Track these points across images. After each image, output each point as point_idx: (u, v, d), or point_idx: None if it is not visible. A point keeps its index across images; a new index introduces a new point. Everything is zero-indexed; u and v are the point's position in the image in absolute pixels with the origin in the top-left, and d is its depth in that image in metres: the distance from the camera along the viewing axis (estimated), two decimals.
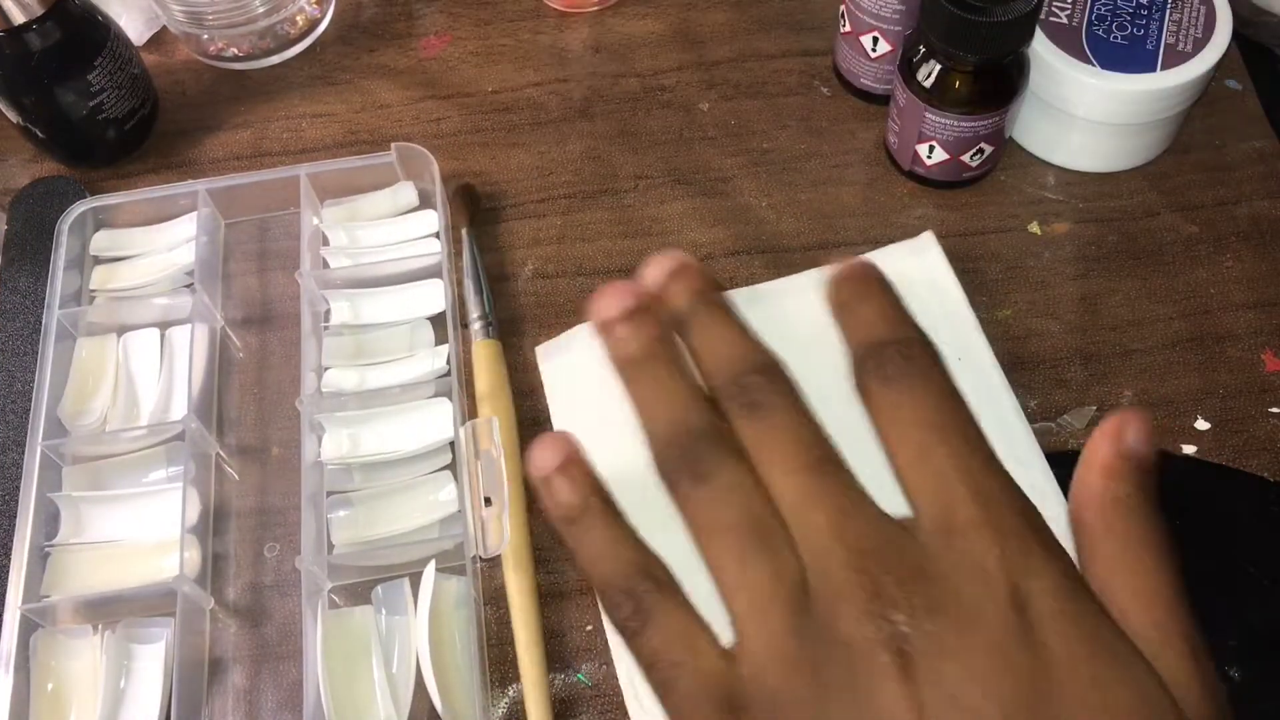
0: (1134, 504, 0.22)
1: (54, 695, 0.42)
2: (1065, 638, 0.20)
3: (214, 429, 0.49)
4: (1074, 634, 0.20)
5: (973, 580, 0.20)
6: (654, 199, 0.54)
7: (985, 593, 0.20)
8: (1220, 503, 0.43)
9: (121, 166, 0.57)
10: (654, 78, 0.58)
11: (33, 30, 0.50)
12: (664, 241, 0.53)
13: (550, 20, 0.61)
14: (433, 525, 0.45)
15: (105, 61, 0.53)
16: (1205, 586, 0.41)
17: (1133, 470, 0.22)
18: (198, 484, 0.46)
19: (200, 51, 0.60)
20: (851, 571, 0.21)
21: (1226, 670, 0.39)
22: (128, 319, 0.51)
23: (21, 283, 0.53)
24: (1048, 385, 0.47)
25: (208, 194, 0.53)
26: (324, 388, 0.48)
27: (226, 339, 0.52)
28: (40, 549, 0.44)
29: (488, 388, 0.47)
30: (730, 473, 0.23)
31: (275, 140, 0.58)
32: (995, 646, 0.20)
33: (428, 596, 0.42)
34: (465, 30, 0.61)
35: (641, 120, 0.57)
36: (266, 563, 0.46)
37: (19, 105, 0.53)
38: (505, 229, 0.54)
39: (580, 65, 0.59)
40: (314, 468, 0.45)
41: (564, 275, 0.52)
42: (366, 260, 0.51)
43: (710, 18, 0.60)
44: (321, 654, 0.41)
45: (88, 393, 0.49)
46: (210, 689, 0.44)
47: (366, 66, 0.60)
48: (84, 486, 0.46)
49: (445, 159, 0.54)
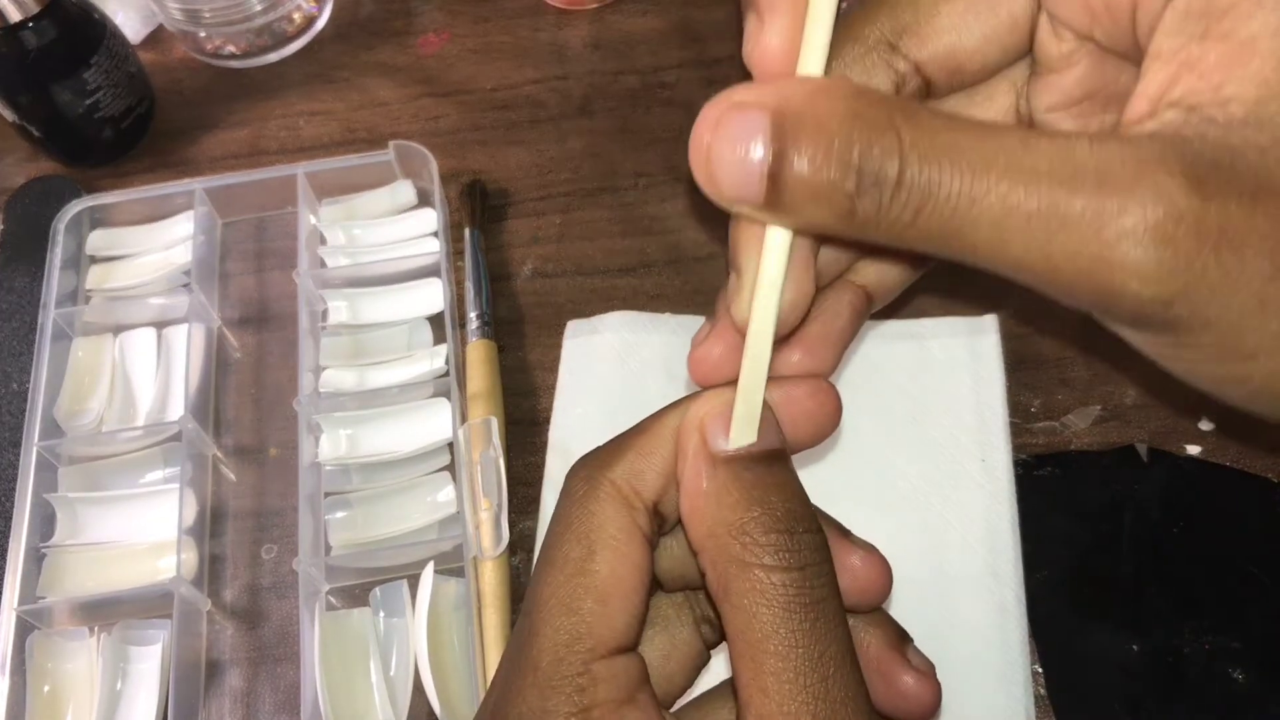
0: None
1: (50, 697, 0.42)
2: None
3: (211, 429, 0.49)
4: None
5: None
6: (654, 197, 0.54)
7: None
8: (1224, 504, 0.43)
9: (118, 165, 0.57)
10: (654, 75, 0.58)
11: (28, 28, 0.50)
12: (664, 240, 0.52)
13: (550, 17, 0.61)
14: (431, 526, 0.45)
15: (101, 59, 0.52)
16: (1209, 588, 0.41)
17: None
18: (195, 485, 0.46)
19: (197, 49, 0.60)
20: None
21: (1230, 672, 0.39)
22: (124, 319, 0.51)
23: (17, 282, 0.53)
24: (1051, 384, 0.47)
25: (204, 193, 0.53)
26: (322, 388, 0.47)
27: (223, 339, 0.52)
28: (36, 550, 0.44)
29: (480, 388, 0.47)
30: None
31: (272, 139, 0.58)
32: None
33: (426, 598, 0.41)
34: (464, 27, 0.61)
35: (641, 118, 0.56)
36: (264, 564, 0.46)
37: (15, 104, 0.53)
38: (504, 228, 0.54)
39: (580, 62, 0.59)
40: (312, 468, 0.45)
41: (563, 274, 0.52)
42: (364, 260, 0.51)
43: (711, 15, 0.60)
44: (319, 656, 0.40)
45: (84, 393, 0.49)
46: (207, 691, 0.43)
47: (364, 64, 0.60)
48: (80, 487, 0.46)
49: (444, 157, 0.54)
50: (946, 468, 0.43)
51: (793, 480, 0.25)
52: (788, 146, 0.21)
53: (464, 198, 0.53)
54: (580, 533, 0.25)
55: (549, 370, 0.49)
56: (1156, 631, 0.40)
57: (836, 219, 0.22)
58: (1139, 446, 0.44)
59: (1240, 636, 0.40)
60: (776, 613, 0.22)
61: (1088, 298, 0.22)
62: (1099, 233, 0.21)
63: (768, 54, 0.23)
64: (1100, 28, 0.25)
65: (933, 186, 0.21)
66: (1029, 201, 0.21)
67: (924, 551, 0.42)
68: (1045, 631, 0.41)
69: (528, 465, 0.47)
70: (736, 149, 0.22)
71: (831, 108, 0.22)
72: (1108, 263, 0.21)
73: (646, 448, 0.26)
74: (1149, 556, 0.42)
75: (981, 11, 0.27)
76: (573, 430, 0.46)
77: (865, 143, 0.21)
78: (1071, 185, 0.21)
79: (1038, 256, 0.21)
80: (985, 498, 0.43)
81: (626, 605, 0.25)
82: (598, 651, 0.24)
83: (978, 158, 0.21)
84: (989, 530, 0.42)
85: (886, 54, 0.27)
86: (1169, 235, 0.20)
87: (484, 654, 0.42)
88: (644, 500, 0.25)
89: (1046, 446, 0.45)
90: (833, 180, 0.21)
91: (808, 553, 0.23)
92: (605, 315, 0.48)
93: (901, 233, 0.22)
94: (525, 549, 0.45)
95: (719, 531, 0.24)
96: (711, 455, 0.25)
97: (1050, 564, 0.42)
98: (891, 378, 0.45)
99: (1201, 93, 0.22)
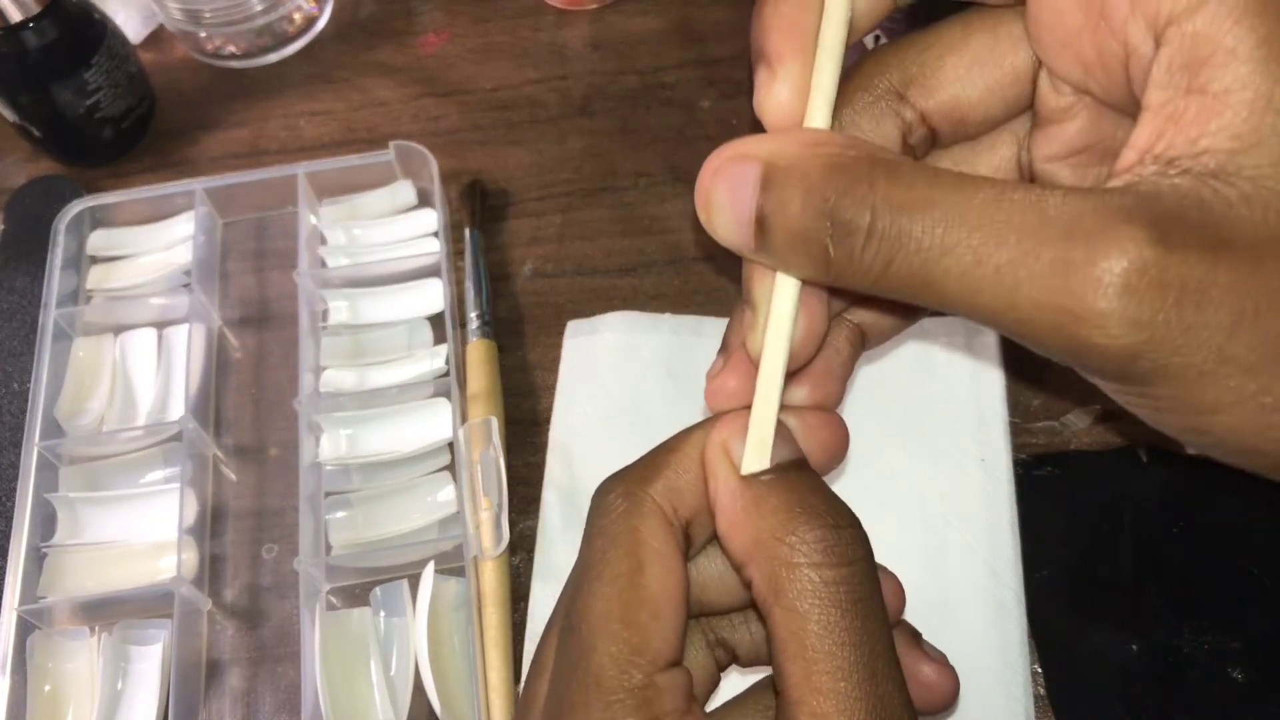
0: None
1: (51, 697, 0.42)
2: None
3: (211, 429, 0.49)
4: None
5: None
6: (654, 197, 0.54)
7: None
8: (1224, 504, 0.43)
9: (118, 165, 0.57)
10: (654, 75, 0.58)
11: (29, 28, 0.50)
12: (664, 240, 0.52)
13: (550, 17, 0.61)
14: (431, 526, 0.45)
15: (102, 60, 0.53)
16: (1209, 588, 0.41)
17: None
18: (195, 485, 0.46)
19: (197, 49, 0.60)
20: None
21: (1230, 672, 0.39)
22: (125, 319, 0.51)
23: (18, 282, 0.53)
24: (1051, 384, 0.47)
25: (205, 193, 0.53)
26: (322, 388, 0.47)
27: (224, 339, 0.52)
28: (37, 550, 0.44)
29: (480, 388, 0.47)
30: None
31: (273, 139, 0.58)
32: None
33: (426, 598, 0.41)
34: (464, 27, 0.61)
35: (641, 118, 0.56)
36: (264, 564, 0.46)
37: (15, 104, 0.53)
38: (504, 227, 0.54)
39: (580, 63, 0.59)
40: (312, 468, 0.45)
41: (563, 274, 0.52)
42: (365, 260, 0.51)
43: (711, 15, 0.60)
44: (320, 656, 0.41)
45: (84, 393, 0.49)
46: (208, 691, 0.43)
47: (365, 64, 0.60)
48: (81, 487, 0.46)
49: (444, 157, 0.54)
50: (946, 468, 0.43)
51: (824, 483, 0.26)
52: (772, 196, 0.23)
53: (464, 198, 0.53)
54: (627, 547, 0.25)
55: (549, 370, 0.49)
56: (1156, 631, 0.40)
57: (814, 266, 0.23)
58: (1139, 447, 0.44)
59: (1240, 636, 0.40)
60: (829, 610, 0.23)
61: (1058, 349, 0.23)
62: (1065, 283, 0.21)
63: (778, 106, 0.25)
64: (1095, 81, 0.26)
65: (903, 238, 0.22)
66: (998, 254, 0.21)
67: (924, 551, 0.42)
68: (1045, 631, 0.41)
69: (528, 465, 0.47)
70: (730, 197, 0.24)
71: (815, 160, 0.23)
72: (1074, 315, 0.21)
73: (680, 466, 0.27)
74: (1149, 556, 0.42)
75: (985, 64, 0.28)
76: (573, 430, 0.46)
77: (840, 193, 0.22)
78: (1039, 238, 0.21)
79: (1006, 307, 0.22)
80: (985, 498, 0.43)
81: (677, 619, 0.25)
82: (658, 664, 0.25)
83: (950, 211, 0.22)
84: (989, 530, 0.42)
85: (895, 103, 0.28)
86: (1132, 286, 0.21)
87: (484, 654, 0.42)
88: (681, 518, 0.26)
89: (1046, 446, 0.45)
90: (808, 228, 0.23)
91: (854, 547, 0.24)
92: (605, 315, 0.48)
93: (875, 281, 0.23)
94: (525, 549, 0.45)
95: (764, 538, 0.24)
96: (742, 475, 0.26)
97: (1050, 564, 0.42)
98: (892, 378, 0.45)
99: (1180, 146, 0.22)
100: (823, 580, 0.23)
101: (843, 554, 0.24)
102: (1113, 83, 0.25)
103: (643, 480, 0.26)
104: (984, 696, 0.39)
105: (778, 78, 0.25)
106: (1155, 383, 0.22)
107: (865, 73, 0.28)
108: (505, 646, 0.42)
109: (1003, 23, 0.28)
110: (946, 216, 0.22)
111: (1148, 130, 0.23)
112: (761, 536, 0.24)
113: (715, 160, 0.24)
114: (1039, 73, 0.28)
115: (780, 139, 0.24)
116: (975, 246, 0.21)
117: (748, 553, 0.25)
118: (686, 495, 0.26)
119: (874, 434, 0.44)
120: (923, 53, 0.28)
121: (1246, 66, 0.22)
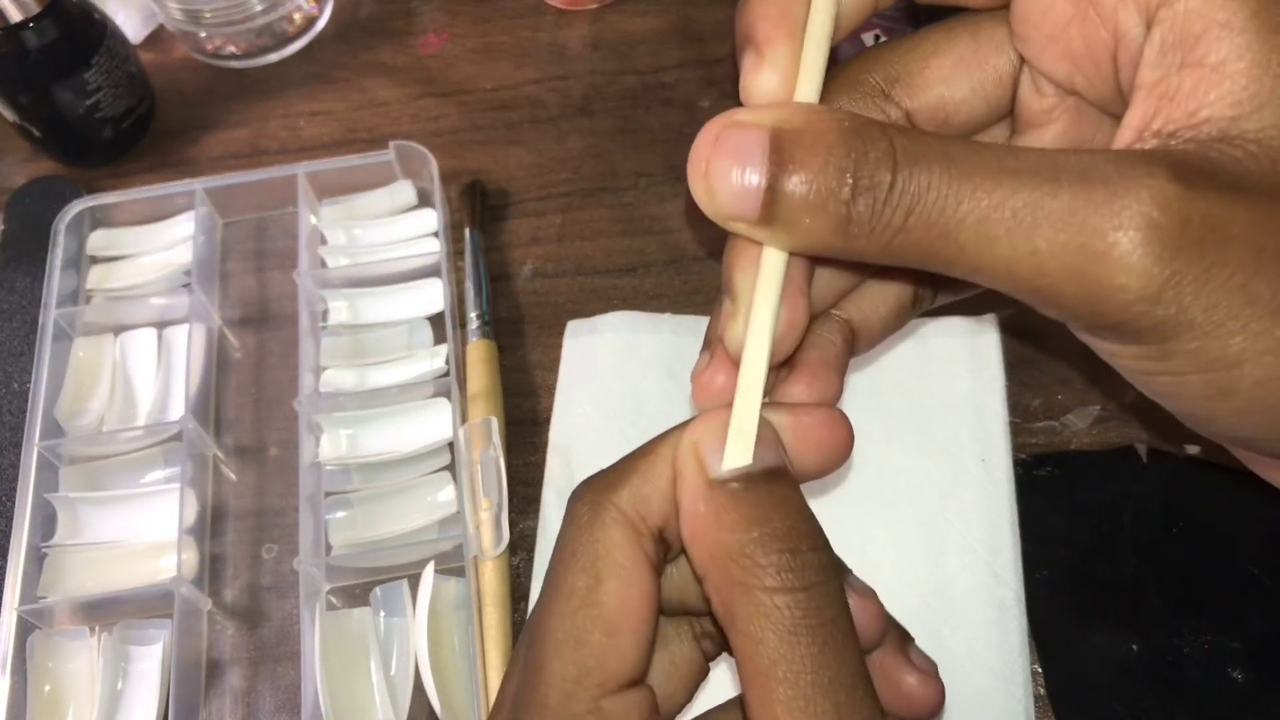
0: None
1: (51, 697, 0.42)
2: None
3: (211, 429, 0.49)
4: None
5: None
6: (654, 197, 0.54)
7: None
8: (1224, 504, 0.43)
9: (118, 165, 0.57)
10: (654, 75, 0.58)
11: (29, 28, 0.50)
12: (664, 240, 0.52)
13: (550, 17, 0.61)
14: (431, 526, 0.45)
15: (102, 60, 0.53)
16: (1209, 588, 0.41)
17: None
18: (195, 485, 0.46)
19: (197, 49, 0.60)
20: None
21: (1230, 672, 0.39)
22: (125, 319, 0.51)
23: (18, 282, 0.53)
24: (1051, 384, 0.47)
25: (205, 193, 0.53)
26: (322, 388, 0.47)
27: (224, 339, 0.52)
28: (37, 550, 0.44)
29: (480, 388, 0.47)
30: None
31: (273, 139, 0.58)
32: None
33: (426, 598, 0.41)
34: (464, 27, 0.61)
35: (642, 118, 0.56)
36: (264, 564, 0.46)
37: (15, 104, 0.53)
38: (504, 228, 0.54)
39: (580, 63, 0.59)
40: (312, 468, 0.45)
41: (563, 274, 0.52)
42: (365, 260, 0.51)
43: (710, 15, 0.60)
44: (320, 656, 0.40)
45: (85, 393, 0.49)
46: (208, 691, 0.43)
47: (365, 64, 0.60)
48: (81, 487, 0.46)
49: (444, 157, 0.54)
50: (946, 468, 0.43)
51: (794, 498, 0.24)
52: (785, 161, 0.22)
53: (464, 198, 0.53)
54: (586, 561, 0.24)
55: (549, 370, 0.49)
56: (1156, 631, 0.40)
57: (831, 229, 0.23)
58: (1139, 446, 0.44)
59: (1240, 636, 0.40)
60: (783, 637, 0.22)
61: (1074, 298, 0.22)
62: (1085, 221, 0.21)
63: (765, 90, 0.25)
64: (1082, 75, 0.26)
65: (922, 189, 0.22)
66: (1014, 198, 0.21)
67: (924, 551, 0.42)
68: (1045, 631, 0.41)
69: (528, 465, 0.47)
70: (735, 165, 0.23)
71: (829, 123, 0.23)
72: (1094, 254, 0.21)
73: (651, 471, 0.25)
74: (1149, 556, 0.42)
75: (969, 66, 0.28)
76: (573, 430, 0.46)
77: (861, 150, 0.22)
78: (1055, 181, 0.21)
79: (1023, 253, 0.22)
80: (985, 498, 0.43)
81: (635, 637, 0.24)
82: (607, 686, 0.24)
83: (965, 161, 0.22)
84: (989, 530, 0.42)
85: (880, 101, 0.28)
86: (1155, 221, 0.21)
87: (484, 654, 0.42)
88: (649, 526, 0.25)
89: (1046, 446, 0.45)
90: (829, 188, 0.22)
91: (812, 572, 0.23)
92: (605, 315, 0.48)
93: (891, 239, 0.22)
94: (525, 549, 0.45)
95: (720, 554, 0.23)
96: (709, 478, 0.24)
97: (1050, 564, 0.42)
98: (891, 377, 0.45)
99: (1178, 119, 0.23)
100: (776, 605, 0.22)
101: (800, 578, 0.22)
102: (1100, 75, 0.25)
103: (607, 488, 0.25)
104: (984, 696, 0.39)
105: (766, 62, 0.25)
106: (1177, 335, 0.22)
107: (851, 70, 0.28)
108: (505, 646, 0.42)
109: (984, 27, 0.28)
110: (963, 167, 0.22)
111: (1142, 109, 0.23)
112: (717, 552, 0.23)
113: (713, 129, 0.23)
114: (1020, 76, 0.28)
115: (782, 107, 0.24)
116: (991, 191, 0.21)
117: (704, 568, 0.24)
118: (655, 501, 0.25)
119: (874, 434, 0.44)
120: (908, 53, 0.28)
121: (1243, 38, 0.22)
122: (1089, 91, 0.26)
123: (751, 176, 0.22)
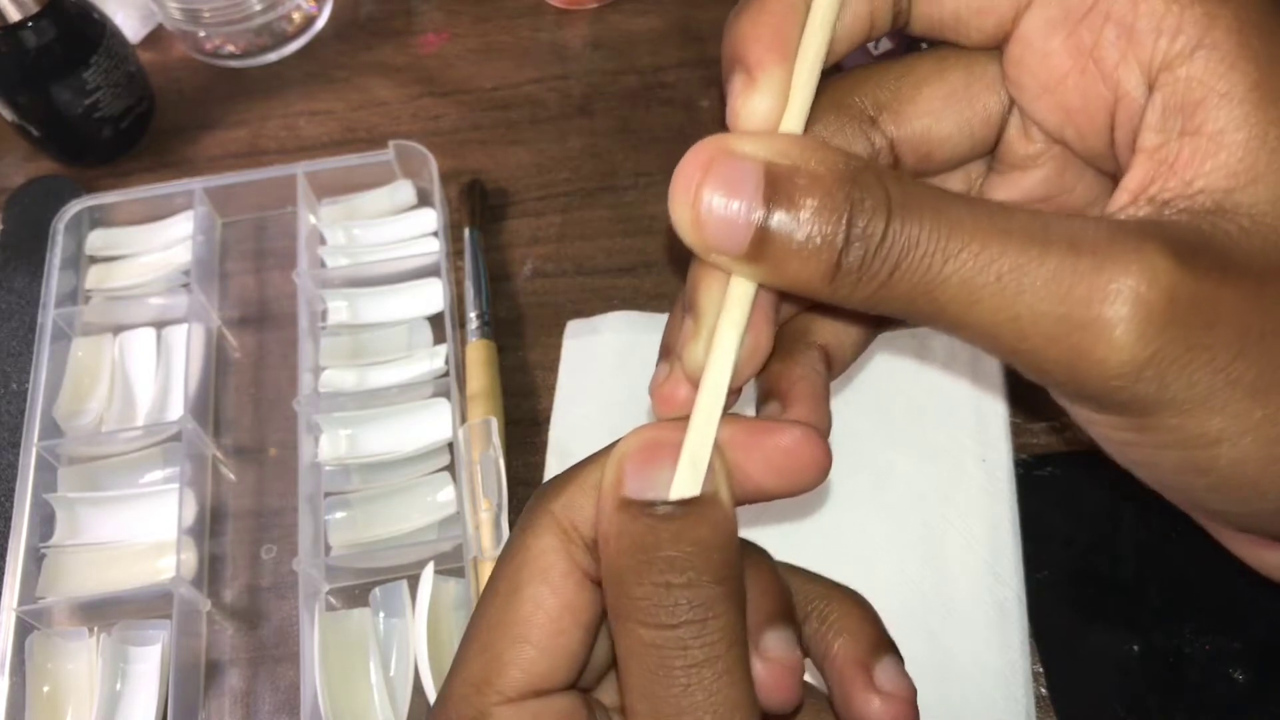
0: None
1: (50, 698, 0.42)
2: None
3: (210, 430, 0.49)
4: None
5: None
6: (654, 196, 0.54)
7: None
8: None
9: (117, 165, 0.57)
10: (654, 74, 0.58)
11: (28, 28, 0.50)
12: (664, 240, 0.52)
13: (550, 17, 0.61)
14: (431, 527, 0.45)
15: (101, 59, 0.52)
16: (1209, 588, 0.41)
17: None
18: (194, 485, 0.46)
19: (197, 49, 0.60)
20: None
21: (1230, 672, 0.39)
22: (124, 319, 0.51)
23: (17, 282, 0.53)
24: None
25: (204, 193, 0.53)
26: (321, 388, 0.47)
27: (223, 339, 0.52)
28: (36, 550, 0.44)
29: (479, 388, 0.47)
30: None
31: (272, 138, 0.58)
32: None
33: (426, 598, 0.41)
34: (464, 27, 0.61)
35: (642, 117, 0.56)
36: (264, 564, 0.46)
37: (14, 103, 0.53)
38: (504, 227, 0.54)
39: (580, 62, 0.59)
40: (311, 469, 0.45)
41: (563, 274, 0.52)
42: (364, 259, 0.51)
43: (710, 14, 0.60)
44: (319, 656, 0.40)
45: (83, 393, 0.49)
46: (207, 691, 0.43)
47: (364, 64, 0.60)
48: (80, 487, 0.46)
49: (444, 157, 0.54)
50: (946, 468, 0.43)
51: (697, 530, 0.22)
52: (781, 199, 0.21)
53: (464, 197, 0.53)
54: (511, 567, 0.24)
55: (549, 370, 0.49)
56: (1156, 631, 0.40)
57: (818, 275, 0.22)
58: None
59: (1240, 637, 0.40)
60: (645, 673, 0.21)
61: (1054, 365, 0.22)
62: (1070, 291, 0.21)
63: (756, 116, 0.23)
64: (1073, 128, 0.26)
65: (910, 243, 0.21)
66: (1000, 260, 0.21)
67: (924, 551, 0.42)
68: (1046, 631, 0.41)
69: (528, 465, 0.47)
70: (726, 198, 0.22)
71: (826, 165, 0.22)
72: (1077, 325, 0.21)
73: (587, 481, 0.25)
74: (1149, 556, 0.42)
75: (960, 101, 0.28)
76: (573, 430, 0.46)
77: (858, 198, 0.21)
78: (1044, 247, 0.21)
79: (1006, 318, 0.21)
80: (985, 498, 0.43)
81: (552, 646, 0.23)
82: (506, 694, 0.23)
83: (955, 217, 0.21)
84: (989, 530, 0.42)
85: (866, 127, 0.27)
86: (1141, 297, 0.20)
87: None
88: (582, 535, 0.24)
89: (1046, 446, 0.45)
90: (824, 234, 0.21)
91: (685, 609, 0.21)
92: (605, 315, 0.48)
93: (875, 291, 0.22)
94: None
95: (608, 576, 0.23)
96: (619, 498, 0.23)
97: (1050, 564, 0.42)
98: (891, 377, 0.45)
99: (1174, 188, 0.22)
100: (643, 640, 0.21)
101: (668, 615, 0.21)
102: (1093, 130, 0.25)
103: (546, 495, 0.25)
104: (985, 697, 0.39)
105: (757, 86, 0.23)
106: (1157, 410, 0.22)
107: (840, 91, 0.28)
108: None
109: (977, 62, 0.27)
110: (952, 223, 0.21)
111: (1141, 174, 0.23)
112: (607, 574, 0.22)
113: (702, 155, 0.22)
114: (1009, 118, 0.27)
115: (774, 139, 0.23)
116: (978, 253, 0.21)
117: (604, 586, 0.23)
118: (589, 510, 0.24)
119: (874, 434, 0.44)
120: (898, 80, 0.28)
121: (1241, 109, 0.22)
122: (1078, 144, 0.26)
123: (743, 211, 0.21)
